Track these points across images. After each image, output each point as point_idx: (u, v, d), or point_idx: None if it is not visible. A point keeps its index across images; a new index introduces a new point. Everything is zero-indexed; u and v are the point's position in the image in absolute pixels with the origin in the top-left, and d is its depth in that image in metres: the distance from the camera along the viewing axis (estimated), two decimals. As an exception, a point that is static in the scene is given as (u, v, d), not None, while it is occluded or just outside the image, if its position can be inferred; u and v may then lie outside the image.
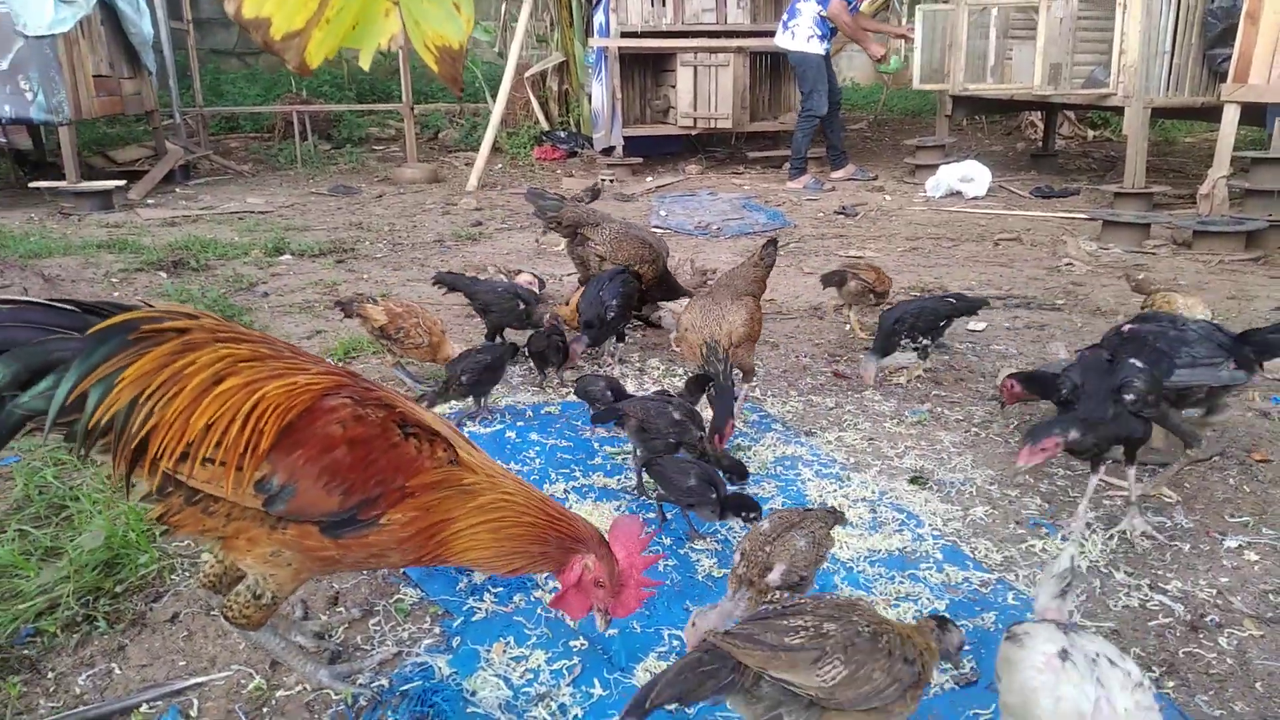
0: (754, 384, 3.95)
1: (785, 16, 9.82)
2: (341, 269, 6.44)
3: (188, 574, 2.55)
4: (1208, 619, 2.36)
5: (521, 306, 4.39)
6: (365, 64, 2.40)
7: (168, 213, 8.47)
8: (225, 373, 1.83)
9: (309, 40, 2.29)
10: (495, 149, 11.04)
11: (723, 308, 3.65)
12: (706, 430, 3.01)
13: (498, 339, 4.38)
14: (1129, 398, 2.62)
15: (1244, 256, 6.37)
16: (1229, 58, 7.72)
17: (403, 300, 3.98)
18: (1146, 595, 2.47)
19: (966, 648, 2.22)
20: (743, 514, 2.67)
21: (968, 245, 7.10)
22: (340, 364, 4.41)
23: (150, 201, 9.10)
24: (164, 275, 6.10)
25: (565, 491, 2.99)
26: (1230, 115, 7.64)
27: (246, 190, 9.90)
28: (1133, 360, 2.69)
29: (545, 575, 2.52)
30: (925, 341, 4.14)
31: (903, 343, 4.07)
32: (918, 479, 3.16)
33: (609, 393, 3.45)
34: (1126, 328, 2.92)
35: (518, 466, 3.17)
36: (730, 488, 2.78)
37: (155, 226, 7.84)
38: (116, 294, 5.62)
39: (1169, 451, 3.27)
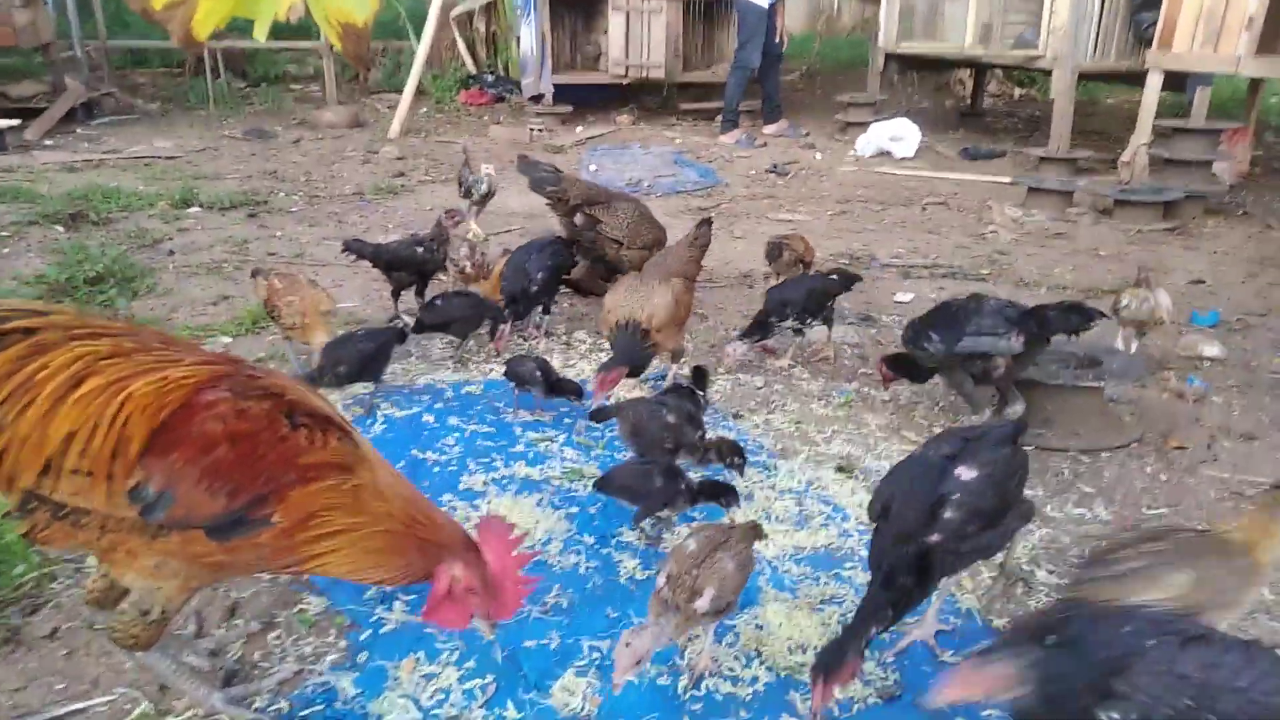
0: (683, 363, 3.87)
1: None
2: (253, 224, 6.12)
3: (70, 582, 2.37)
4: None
5: (420, 252, 4.22)
6: (260, 35, 2.19)
7: (67, 156, 7.95)
8: (84, 374, 1.65)
9: (194, 10, 2.06)
10: (420, 92, 10.61)
11: (649, 288, 3.54)
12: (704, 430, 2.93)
13: (398, 306, 4.26)
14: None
15: (1162, 226, 6.49)
16: (1154, 23, 7.78)
17: (291, 275, 3.67)
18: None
19: (890, 659, 2.21)
20: (720, 500, 2.63)
21: (896, 209, 7.08)
22: (248, 332, 4.21)
23: (48, 143, 8.53)
24: (60, 229, 5.71)
25: (485, 484, 2.88)
26: (1154, 82, 7.71)
27: (154, 132, 9.35)
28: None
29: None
30: (813, 322, 4.00)
31: (783, 325, 3.93)
32: (844, 468, 3.13)
33: (539, 373, 3.33)
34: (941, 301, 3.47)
35: (435, 455, 3.04)
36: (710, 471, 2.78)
37: (53, 172, 7.36)
38: (6, 250, 5.25)
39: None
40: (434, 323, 3.84)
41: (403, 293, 4.31)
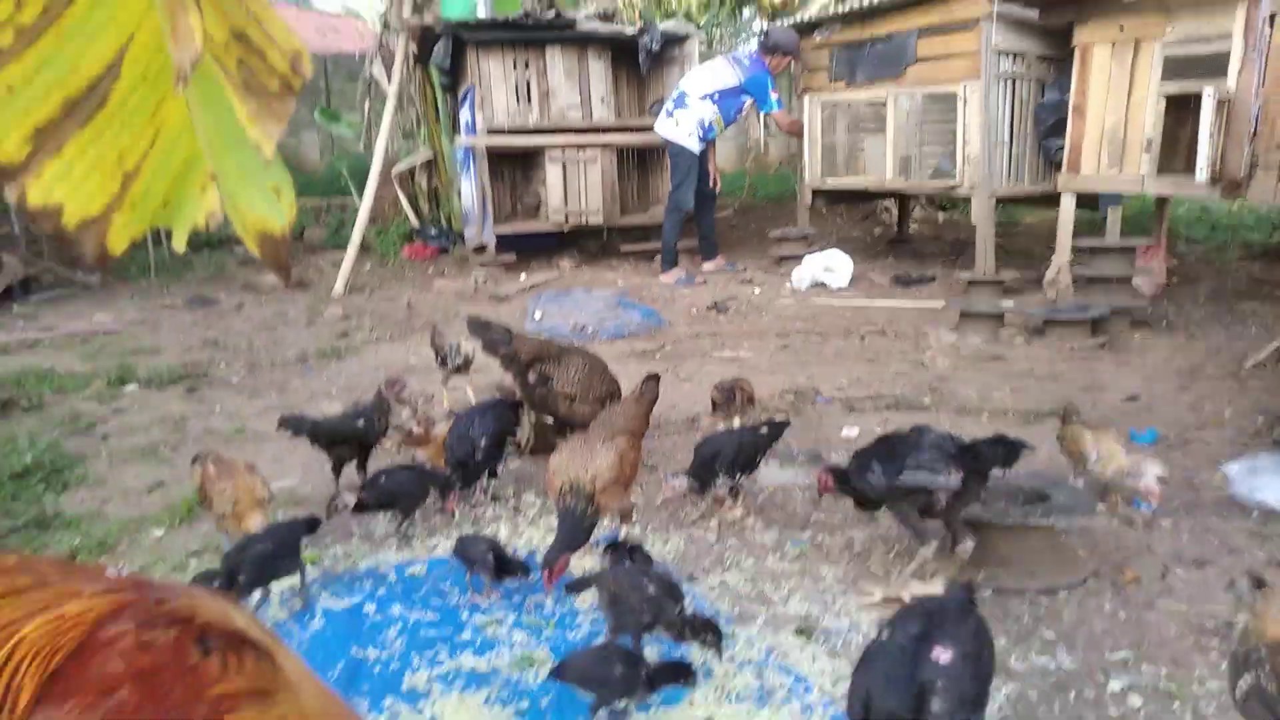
0: (634, 522, 3.81)
1: (670, 104, 9.89)
2: (192, 399, 6.02)
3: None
4: (1099, 785, 2.30)
5: (360, 425, 4.16)
6: (179, 245, 2.17)
7: (2, 337, 7.83)
8: None
9: (109, 225, 2.03)
10: (363, 248, 10.74)
11: (593, 449, 3.51)
12: (684, 604, 2.83)
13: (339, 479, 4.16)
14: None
15: (1092, 343, 6.68)
16: (1062, 147, 8.24)
17: (227, 461, 3.56)
18: (1038, 756, 2.41)
19: None
20: (680, 680, 2.56)
21: (836, 340, 7.22)
22: (181, 522, 4.06)
23: (-20, 324, 8.41)
24: (-12, 418, 5.56)
25: (428, 681, 2.74)
26: (1067, 203, 8.10)
27: (94, 306, 9.28)
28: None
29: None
30: (741, 477, 3.94)
31: (718, 481, 3.87)
32: (803, 630, 3.05)
33: (490, 555, 3.24)
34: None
35: (376, 652, 2.90)
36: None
37: (-16, 355, 7.23)
38: (-73, 446, 5.08)
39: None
40: (377, 502, 3.75)
41: (344, 466, 4.23)
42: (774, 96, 9.66)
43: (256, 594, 3.10)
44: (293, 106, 1.92)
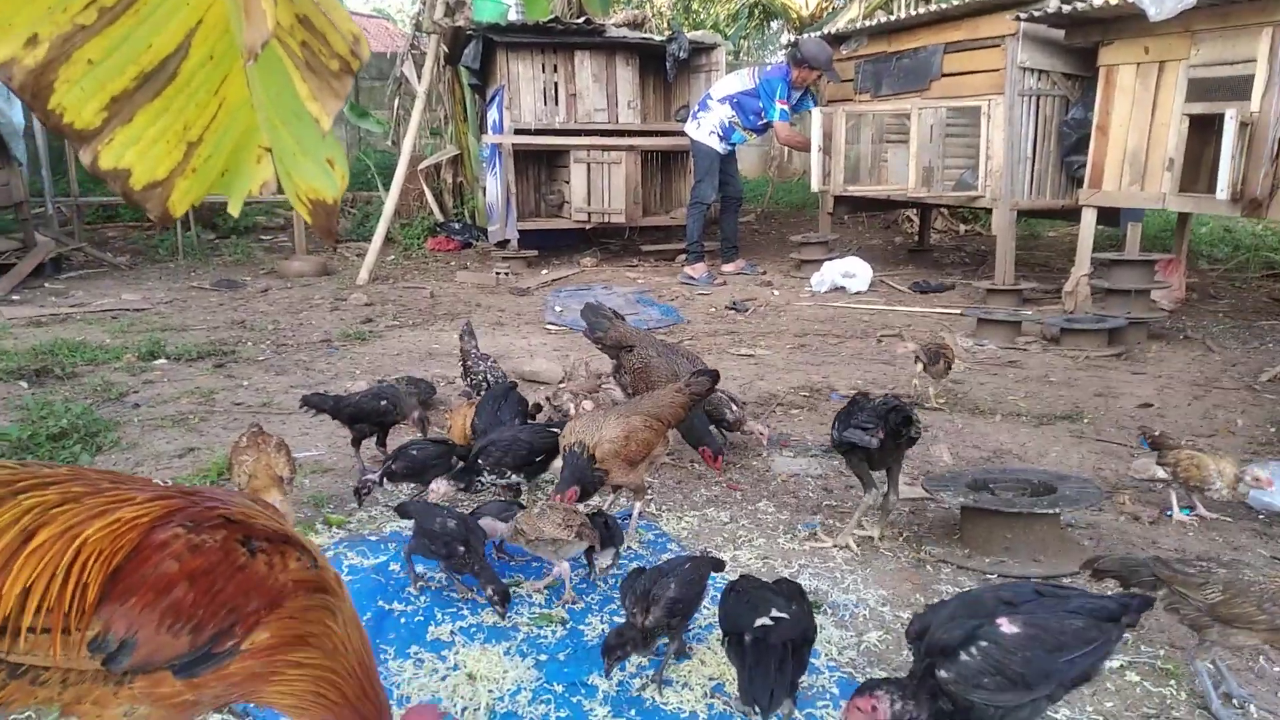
0: (649, 499, 3.91)
1: (695, 108, 10.24)
2: (221, 375, 6.16)
3: (25, 752, 2.30)
4: (1095, 750, 2.38)
5: (382, 405, 4.28)
6: (235, 210, 2.31)
7: (34, 311, 8.02)
8: (35, 526, 1.64)
9: (172, 189, 2.18)
10: (388, 240, 10.92)
11: (605, 420, 3.62)
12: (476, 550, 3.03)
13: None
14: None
15: (1108, 352, 6.74)
16: (1084, 164, 8.31)
17: (263, 435, 3.62)
18: (1036, 724, 2.48)
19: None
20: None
21: (853, 342, 7.31)
22: (214, 484, 4.18)
23: (15, 298, 8.62)
24: (25, 385, 5.72)
25: (452, 633, 2.85)
26: (1088, 218, 8.18)
27: (123, 285, 9.49)
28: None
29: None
30: (516, 480, 3.86)
31: (483, 479, 3.83)
32: (813, 603, 3.13)
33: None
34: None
35: (401, 606, 3.01)
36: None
37: (19, 327, 7.41)
38: (-33, 407, 5.24)
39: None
40: (407, 471, 3.85)
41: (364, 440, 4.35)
42: (780, 106, 9.76)
43: None
44: (350, 85, 2.06)
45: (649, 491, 3.90)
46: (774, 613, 2.39)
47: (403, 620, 2.92)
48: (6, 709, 1.70)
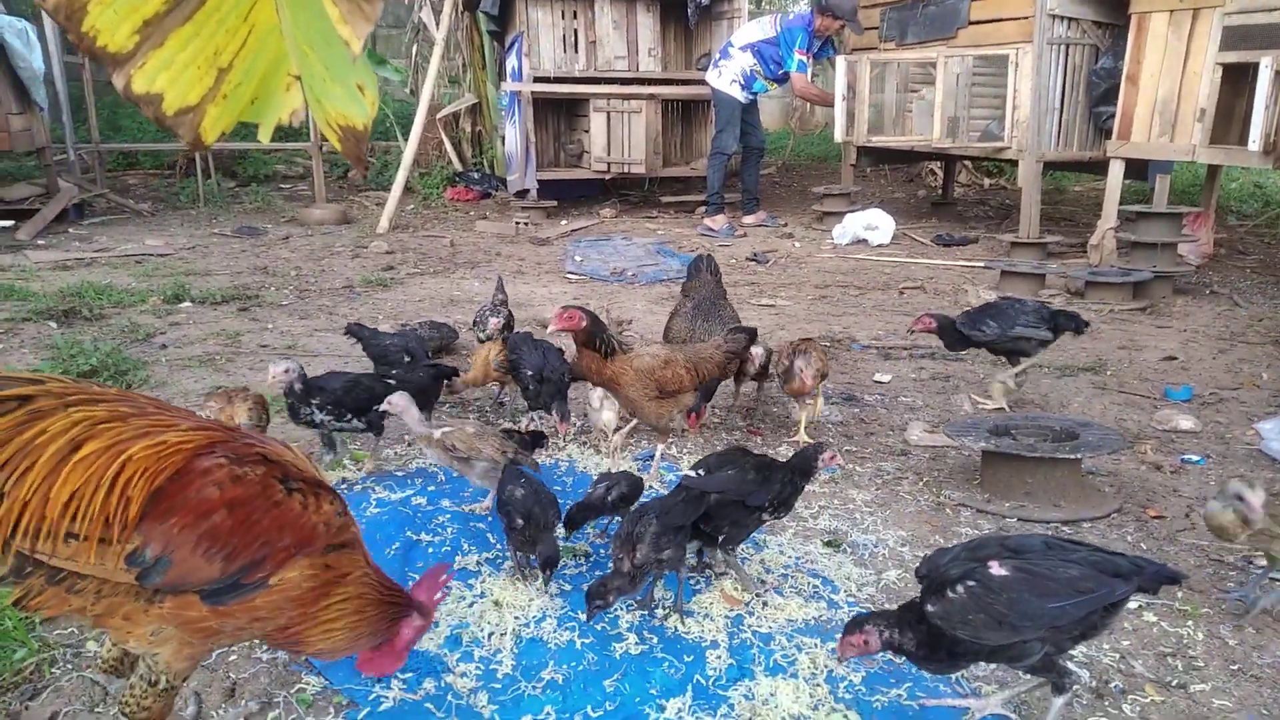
0: (670, 442, 3.94)
1: (717, 55, 10.13)
2: (245, 318, 6.22)
3: (70, 667, 2.37)
4: (1112, 685, 2.41)
5: (406, 359, 4.32)
6: (265, 138, 2.32)
7: (60, 255, 8.08)
8: (82, 438, 1.70)
9: (203, 116, 2.19)
10: (407, 189, 10.89)
11: (648, 348, 3.68)
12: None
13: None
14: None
15: (1132, 306, 6.69)
16: (1113, 115, 8.16)
17: (235, 391, 3.52)
18: (1053, 659, 2.52)
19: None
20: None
21: (874, 294, 7.28)
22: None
23: (40, 243, 8.67)
24: (54, 325, 5.79)
25: (479, 564, 2.91)
26: (1115, 170, 8.05)
27: (145, 231, 9.53)
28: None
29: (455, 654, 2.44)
30: (357, 423, 3.52)
31: (320, 418, 3.47)
32: (832, 542, 3.18)
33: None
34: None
35: (429, 537, 3.07)
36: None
37: (45, 270, 7.47)
38: (1, 346, 5.32)
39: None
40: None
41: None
42: (798, 57, 9.60)
43: None
44: (380, 8, 2.05)
45: (672, 435, 3.93)
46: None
47: (430, 550, 2.99)
48: (40, 614, 1.76)
